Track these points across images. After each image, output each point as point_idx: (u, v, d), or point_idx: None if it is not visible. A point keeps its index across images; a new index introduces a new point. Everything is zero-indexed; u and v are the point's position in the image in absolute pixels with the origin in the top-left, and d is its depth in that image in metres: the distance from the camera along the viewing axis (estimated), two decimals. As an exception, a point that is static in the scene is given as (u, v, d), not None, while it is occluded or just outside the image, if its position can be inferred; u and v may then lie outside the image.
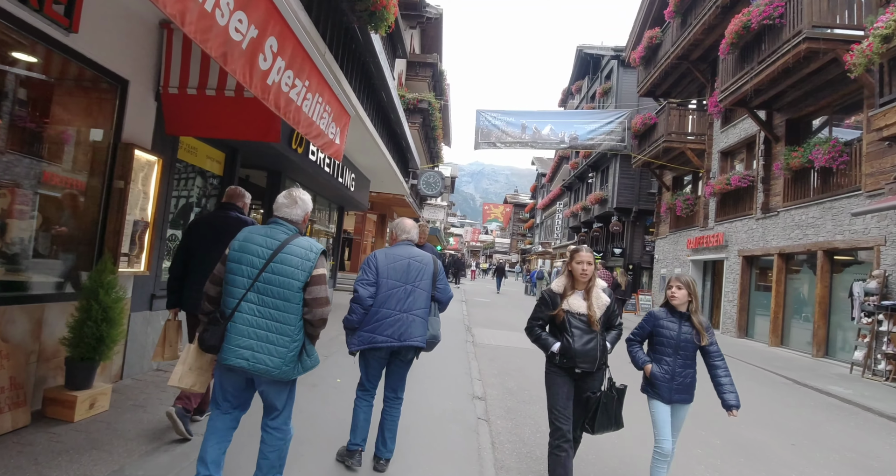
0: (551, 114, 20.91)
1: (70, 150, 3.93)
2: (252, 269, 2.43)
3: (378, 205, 17.49)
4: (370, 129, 7.61)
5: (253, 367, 2.38)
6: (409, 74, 19.65)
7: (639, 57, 19.59)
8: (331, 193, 9.68)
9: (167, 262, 5.22)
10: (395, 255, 3.25)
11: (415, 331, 3.16)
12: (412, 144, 12.43)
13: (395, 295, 3.14)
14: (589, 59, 30.53)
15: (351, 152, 9.03)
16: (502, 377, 6.79)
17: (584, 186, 31.36)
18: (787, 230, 11.98)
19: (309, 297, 2.44)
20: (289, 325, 2.42)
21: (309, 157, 7.05)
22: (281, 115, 3.26)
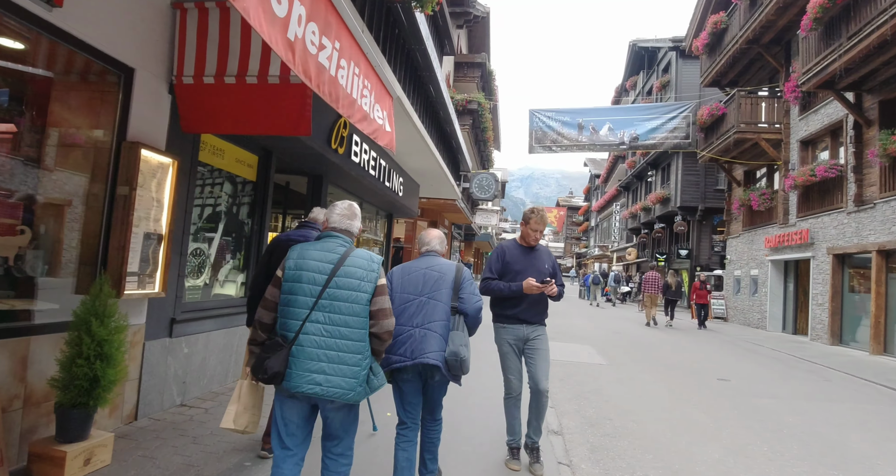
0: (609, 110, 19.55)
1: (65, 152, 3.33)
2: (314, 287, 2.27)
3: (428, 211, 16.77)
4: (418, 127, 6.84)
5: (327, 391, 2.21)
6: (456, 75, 18.93)
7: (702, 45, 18.06)
8: (378, 199, 8.98)
9: (192, 280, 4.59)
10: (411, 268, 2.97)
11: (427, 346, 2.74)
12: (463, 145, 11.62)
13: (407, 309, 2.83)
14: (643, 52, 29.04)
15: (398, 154, 8.30)
16: (578, 402, 5.77)
17: (642, 185, 29.71)
18: (888, 224, 10.45)
19: (374, 308, 2.33)
20: (360, 341, 2.29)
21: (352, 159, 6.34)
22: (314, 88, 2.53)
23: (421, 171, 9.77)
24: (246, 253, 5.44)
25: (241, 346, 5.18)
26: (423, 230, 3.25)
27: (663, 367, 8.28)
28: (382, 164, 7.67)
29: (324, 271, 2.29)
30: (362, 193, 8.38)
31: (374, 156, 7.15)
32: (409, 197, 9.97)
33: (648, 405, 5.83)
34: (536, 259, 3.63)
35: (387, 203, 9.39)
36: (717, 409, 5.84)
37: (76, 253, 3.42)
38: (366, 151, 6.78)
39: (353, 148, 6.28)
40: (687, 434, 4.86)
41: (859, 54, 9.52)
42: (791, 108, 14.66)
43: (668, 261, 25.02)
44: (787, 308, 15.14)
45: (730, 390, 6.85)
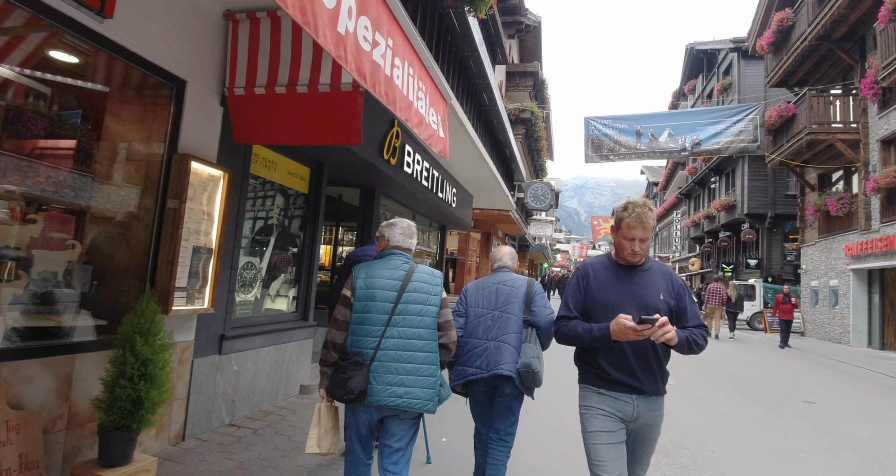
0: (668, 115, 18.64)
1: (115, 165, 3.29)
2: (387, 304, 2.36)
3: (481, 222, 16.46)
4: (472, 135, 6.58)
5: (407, 402, 2.31)
6: (508, 85, 18.64)
7: (766, 43, 16.97)
8: (431, 211, 8.79)
9: (243, 295, 4.50)
10: (485, 283, 3.09)
11: (502, 358, 2.82)
12: (517, 155, 11.28)
13: (482, 323, 2.93)
14: (702, 55, 27.89)
15: (451, 164, 8.07)
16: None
17: (705, 192, 28.28)
18: None
19: (441, 320, 2.45)
20: (432, 353, 2.40)
21: (404, 170, 6.16)
22: (369, 88, 2.35)
23: (474, 182, 9.51)
24: (298, 267, 5.34)
25: (290, 364, 5.04)
26: (496, 247, 3.48)
27: (738, 388, 7.57)
28: (435, 174, 7.46)
29: (393, 288, 2.38)
30: (415, 205, 8.21)
31: (426, 166, 6.95)
32: (463, 208, 9.72)
33: (726, 432, 5.25)
34: (641, 284, 2.26)
35: (439, 214, 9.18)
36: (807, 436, 5.22)
37: (125, 267, 3.36)
38: (418, 162, 6.59)
39: (405, 158, 6.10)
40: (774, 467, 4.30)
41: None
42: (869, 105, 13.47)
43: (736, 271, 23.50)
44: (873, 321, 13.82)
45: (816, 414, 6.13)
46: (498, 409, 2.96)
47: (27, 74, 2.77)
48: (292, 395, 5.15)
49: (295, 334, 5.09)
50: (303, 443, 3.90)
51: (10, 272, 2.72)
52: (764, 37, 17.02)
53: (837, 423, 5.74)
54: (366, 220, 6.63)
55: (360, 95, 3.39)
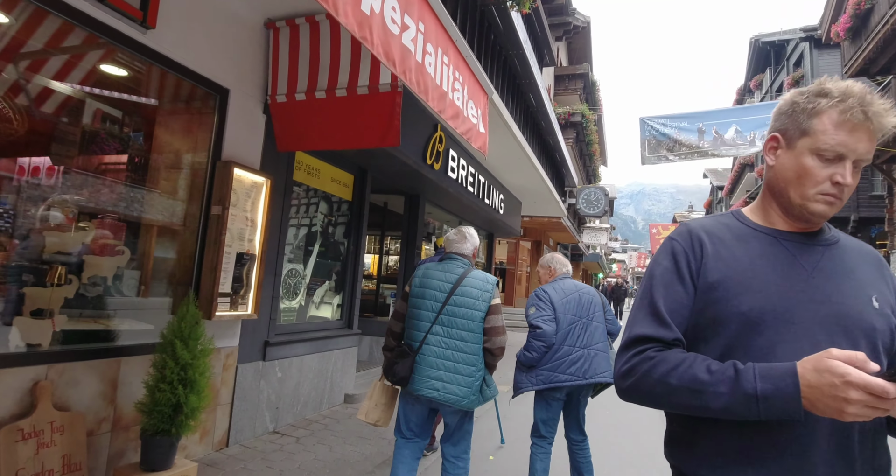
0: (734, 111, 17.57)
1: (163, 173, 3.36)
2: (435, 303, 2.53)
3: (531, 231, 16.14)
4: (519, 138, 6.41)
5: (443, 397, 2.46)
6: (557, 88, 18.31)
7: (843, 30, 15.66)
8: (477, 218, 8.64)
9: (287, 302, 4.51)
10: (565, 289, 3.10)
11: (599, 366, 3.00)
12: (567, 158, 10.95)
13: (574, 330, 3.00)
14: (768, 48, 26.26)
15: (497, 169, 7.91)
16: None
17: (776, 197, 26.43)
18: None
19: (488, 326, 2.53)
20: (473, 354, 2.50)
21: (448, 175, 6.06)
22: (399, 74, 2.27)
23: (522, 188, 9.29)
24: (342, 274, 5.33)
25: (335, 373, 5.01)
26: (549, 254, 3.36)
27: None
28: (481, 180, 7.32)
29: (444, 290, 2.55)
30: (461, 212, 8.09)
31: (471, 172, 6.83)
32: (511, 215, 9.51)
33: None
34: (831, 276, 1.06)
35: (487, 222, 9.02)
36: None
37: (172, 273, 3.42)
38: (463, 167, 6.48)
39: (449, 163, 6.01)
40: None
41: None
42: (972, 94, 12.09)
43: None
44: None
45: None
46: (577, 411, 3.16)
47: (85, 91, 2.87)
48: (336, 404, 5.11)
49: (339, 342, 5.06)
50: (345, 454, 3.85)
51: (61, 277, 2.80)
52: (839, 23, 15.78)
53: None
54: (410, 227, 6.57)
55: (399, 95, 3.32)
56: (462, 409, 2.50)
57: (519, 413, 5.17)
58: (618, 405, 5.88)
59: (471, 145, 3.42)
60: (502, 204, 8.54)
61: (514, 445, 4.36)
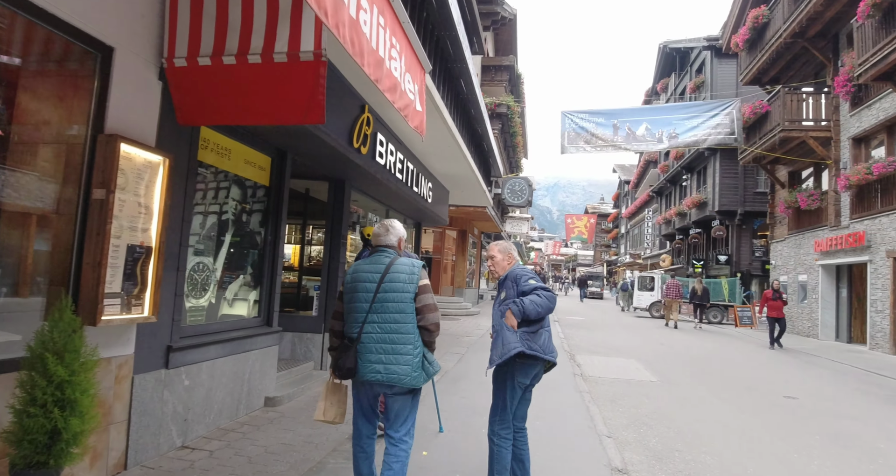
0: (646, 110, 18.58)
1: (29, 147, 2.74)
2: (367, 294, 2.68)
3: (457, 220, 16.07)
4: (449, 124, 6.16)
5: (386, 377, 2.62)
6: (484, 79, 18.29)
7: (742, 40, 17.07)
8: (405, 206, 8.33)
9: (194, 300, 3.97)
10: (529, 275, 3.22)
11: (553, 344, 3.16)
12: (495, 148, 10.91)
13: None
14: (675, 53, 28.12)
15: (427, 156, 7.63)
16: (638, 429, 4.94)
17: (677, 190, 28.60)
18: (962, 224, 9.24)
19: (420, 304, 2.69)
20: (409, 334, 2.65)
21: (376, 160, 5.69)
22: (332, 28, 1.91)
23: (451, 176, 9.09)
24: (259, 266, 4.82)
25: (253, 375, 4.53)
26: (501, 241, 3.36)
27: (720, 384, 7.39)
28: (410, 167, 7.01)
29: (374, 280, 2.69)
30: (389, 200, 7.74)
31: (401, 158, 6.50)
32: (439, 204, 9.30)
33: (718, 431, 5.00)
34: None
35: (415, 210, 8.74)
36: (796, 434, 5.02)
37: (44, 271, 2.82)
38: (392, 152, 6.13)
39: (377, 148, 5.64)
40: (773, 468, 4.06)
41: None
42: (841, 103, 13.64)
43: (706, 267, 23.75)
44: (840, 315, 14.08)
45: (801, 410, 5.97)
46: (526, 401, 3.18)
47: None
48: (256, 409, 4.63)
49: (257, 342, 4.58)
50: (266, 464, 3.46)
51: None
52: (739, 34, 17.10)
53: (823, 420, 5.57)
54: (335, 216, 6.14)
55: (323, 66, 2.93)
56: (406, 386, 2.64)
57: (451, 403, 4.98)
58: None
59: (407, 125, 3.11)
60: (431, 192, 8.29)
61: (449, 437, 4.16)
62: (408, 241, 10.05)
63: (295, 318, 6.25)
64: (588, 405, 5.60)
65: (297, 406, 4.91)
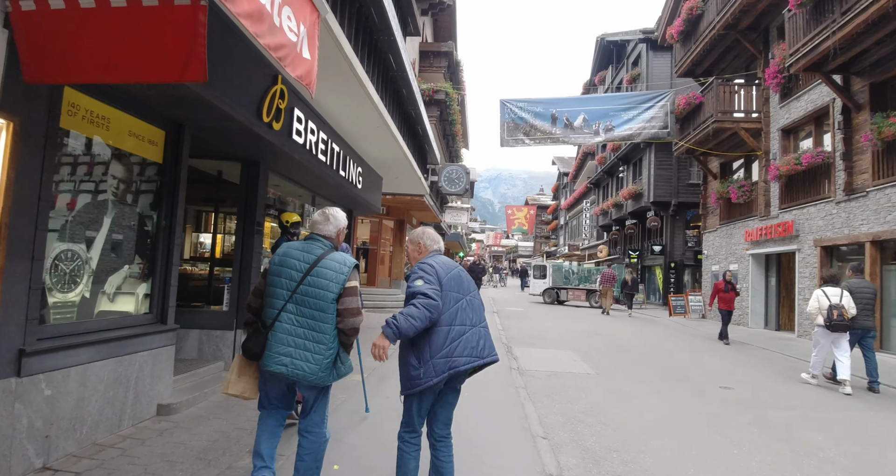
0: (584, 100, 18.81)
1: None
2: (291, 282, 2.60)
3: (394, 209, 15.61)
4: (375, 101, 5.72)
5: (291, 372, 2.54)
6: (422, 65, 17.86)
7: (676, 32, 17.55)
8: (334, 192, 7.81)
9: (61, 295, 3.36)
10: (447, 266, 2.83)
11: (489, 344, 2.81)
12: (430, 133, 10.54)
13: (462, 308, 2.76)
14: (612, 46, 28.76)
15: (354, 137, 7.14)
16: (573, 427, 4.76)
17: (613, 182, 29.45)
18: (882, 212, 9.94)
19: (342, 307, 2.60)
20: (324, 334, 2.56)
21: (294, 139, 5.17)
22: None
23: (383, 161, 8.65)
24: (151, 256, 4.21)
25: (141, 380, 3.96)
26: (420, 228, 3.04)
27: (656, 375, 7.41)
28: (336, 149, 6.51)
29: (300, 270, 2.60)
30: (314, 185, 7.20)
31: (323, 138, 5.99)
32: (371, 191, 8.83)
33: (655, 427, 4.89)
34: None
35: (344, 197, 8.23)
36: (734, 427, 4.98)
37: None
38: (313, 131, 5.62)
39: (294, 125, 5.12)
40: (714, 468, 3.94)
41: (855, 30, 8.88)
42: (771, 95, 14.17)
43: (641, 257, 24.61)
44: (769, 303, 14.65)
45: (737, 401, 6.01)
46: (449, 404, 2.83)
47: None
48: (146, 419, 4.06)
49: (148, 341, 4.00)
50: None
51: None
52: (674, 25, 17.50)
53: (759, 411, 5.59)
54: (249, 200, 5.57)
55: (202, 10, 2.43)
56: (312, 384, 2.57)
57: (374, 405, 4.62)
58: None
59: (291, 76, 2.67)
60: (361, 178, 7.81)
61: (362, 447, 3.79)
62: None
63: (203, 313, 5.65)
64: (523, 402, 5.38)
65: (196, 414, 4.37)
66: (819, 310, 6.79)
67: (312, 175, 6.33)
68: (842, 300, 6.69)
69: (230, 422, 4.21)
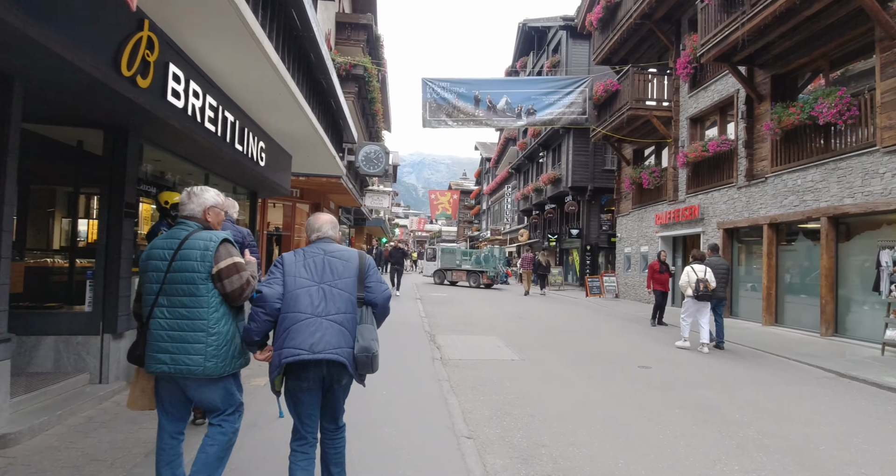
0: (507, 82, 18.61)
1: None
2: (158, 274, 2.43)
3: (309, 192, 14.55)
4: (274, 61, 4.89)
5: (174, 369, 2.36)
6: (339, 37, 16.73)
7: (596, 19, 17.79)
8: (230, 170, 6.83)
9: None
10: (310, 252, 2.63)
11: (332, 340, 2.42)
12: (345, 109, 9.69)
13: (304, 295, 2.47)
14: (533, 33, 28.97)
15: (252, 106, 6.21)
16: (500, 422, 4.39)
17: (534, 167, 29.91)
18: (779, 197, 10.58)
19: (224, 292, 2.42)
20: (200, 319, 2.37)
21: (170, 102, 4.25)
22: None
23: (292, 137, 7.74)
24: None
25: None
26: (312, 215, 2.88)
27: (579, 358, 7.31)
28: (230, 118, 5.59)
29: (165, 257, 2.43)
30: (206, 161, 6.22)
31: (212, 104, 5.07)
32: (277, 170, 7.91)
33: (583, 415, 4.66)
34: None
35: (245, 176, 7.27)
36: (658, 410, 4.88)
37: None
38: (197, 94, 4.70)
39: (170, 84, 4.20)
40: (644, 457, 3.73)
41: (763, 22, 9.18)
42: (681, 85, 14.70)
43: (560, 241, 25.23)
44: (676, 282, 15.34)
45: (658, 381, 5.99)
46: (334, 401, 2.62)
47: None
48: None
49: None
50: None
51: None
52: (593, 12, 17.68)
53: (680, 391, 5.57)
54: (115, 178, 4.57)
55: None
56: (203, 377, 2.38)
57: (268, 411, 3.95)
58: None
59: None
60: (264, 154, 6.89)
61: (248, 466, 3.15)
62: (242, 215, 8.50)
63: (60, 315, 4.61)
64: (447, 397, 4.93)
65: (45, 444, 3.46)
66: (688, 283, 7.94)
67: (201, 148, 5.38)
68: (706, 275, 7.90)
69: (89, 452, 3.37)
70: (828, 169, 9.27)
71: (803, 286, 10.28)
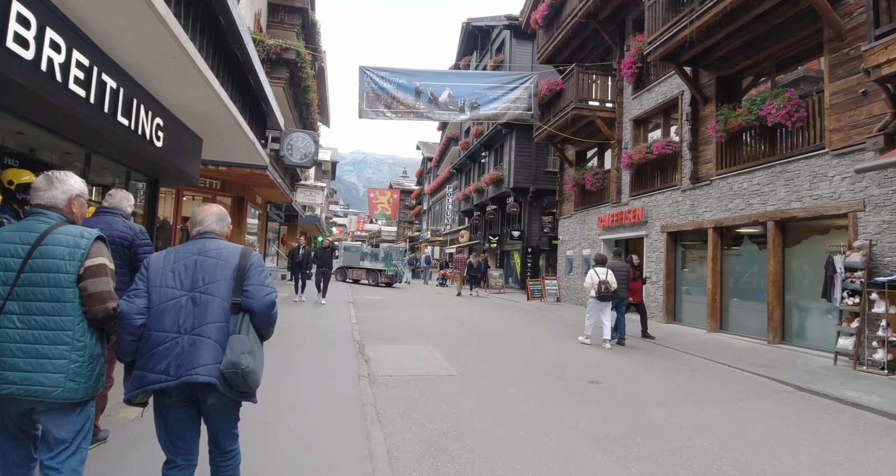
0: (450, 75, 17.96)
1: None
2: (8, 274, 2.04)
3: (231, 184, 13.26)
4: (165, 19, 3.94)
5: (26, 390, 1.96)
6: (271, 20, 15.54)
7: (540, 17, 17.61)
8: (117, 150, 5.68)
9: None
10: (179, 253, 2.31)
11: (197, 358, 2.12)
12: (268, 90, 8.66)
13: (171, 310, 2.18)
14: (477, 32, 28.78)
15: (145, 72, 5.14)
16: (434, 462, 3.65)
17: (476, 167, 29.63)
18: (724, 200, 10.55)
19: (85, 293, 2.08)
20: (64, 330, 2.03)
21: (11, 49, 3.22)
22: None
23: (201, 117, 6.67)
24: None
25: None
26: (198, 207, 2.52)
27: (524, 370, 6.71)
28: (108, 82, 4.54)
29: (18, 254, 2.06)
30: (83, 137, 5.10)
31: (81, 61, 4.03)
32: (182, 154, 6.81)
33: (530, 444, 4.06)
34: None
35: (140, 160, 6.14)
36: (612, 436, 4.32)
37: None
38: (55, 45, 3.66)
39: (10, 26, 3.18)
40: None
41: (713, 18, 9.04)
42: (625, 86, 14.67)
43: (501, 243, 25.01)
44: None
45: (610, 400, 5.43)
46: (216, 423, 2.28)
47: None
48: None
49: None
50: None
51: None
52: (538, 10, 17.46)
53: (635, 411, 5.03)
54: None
55: None
56: (62, 401, 1.98)
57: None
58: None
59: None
60: (161, 132, 5.80)
61: None
62: (139, 207, 7.29)
63: None
64: (370, 428, 4.14)
65: None
66: (592, 285, 8.57)
67: (68, 118, 4.31)
68: (607, 277, 8.58)
69: None
70: (775, 172, 9.24)
71: (749, 292, 10.19)
